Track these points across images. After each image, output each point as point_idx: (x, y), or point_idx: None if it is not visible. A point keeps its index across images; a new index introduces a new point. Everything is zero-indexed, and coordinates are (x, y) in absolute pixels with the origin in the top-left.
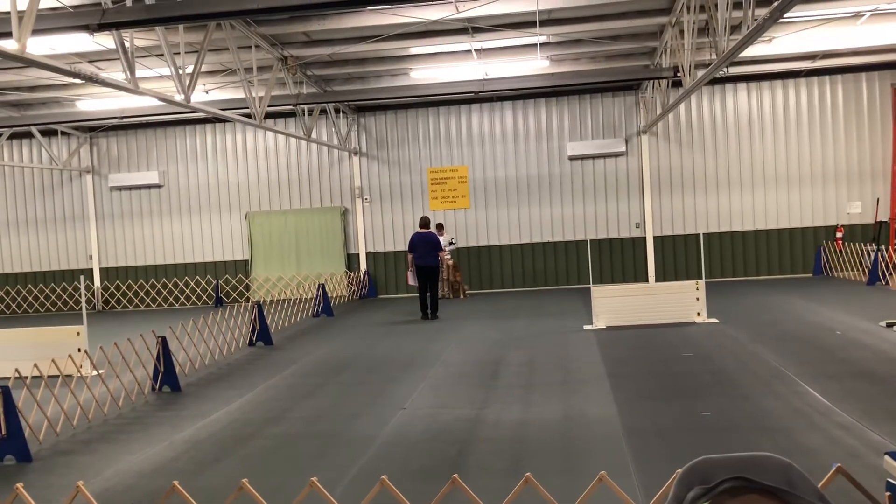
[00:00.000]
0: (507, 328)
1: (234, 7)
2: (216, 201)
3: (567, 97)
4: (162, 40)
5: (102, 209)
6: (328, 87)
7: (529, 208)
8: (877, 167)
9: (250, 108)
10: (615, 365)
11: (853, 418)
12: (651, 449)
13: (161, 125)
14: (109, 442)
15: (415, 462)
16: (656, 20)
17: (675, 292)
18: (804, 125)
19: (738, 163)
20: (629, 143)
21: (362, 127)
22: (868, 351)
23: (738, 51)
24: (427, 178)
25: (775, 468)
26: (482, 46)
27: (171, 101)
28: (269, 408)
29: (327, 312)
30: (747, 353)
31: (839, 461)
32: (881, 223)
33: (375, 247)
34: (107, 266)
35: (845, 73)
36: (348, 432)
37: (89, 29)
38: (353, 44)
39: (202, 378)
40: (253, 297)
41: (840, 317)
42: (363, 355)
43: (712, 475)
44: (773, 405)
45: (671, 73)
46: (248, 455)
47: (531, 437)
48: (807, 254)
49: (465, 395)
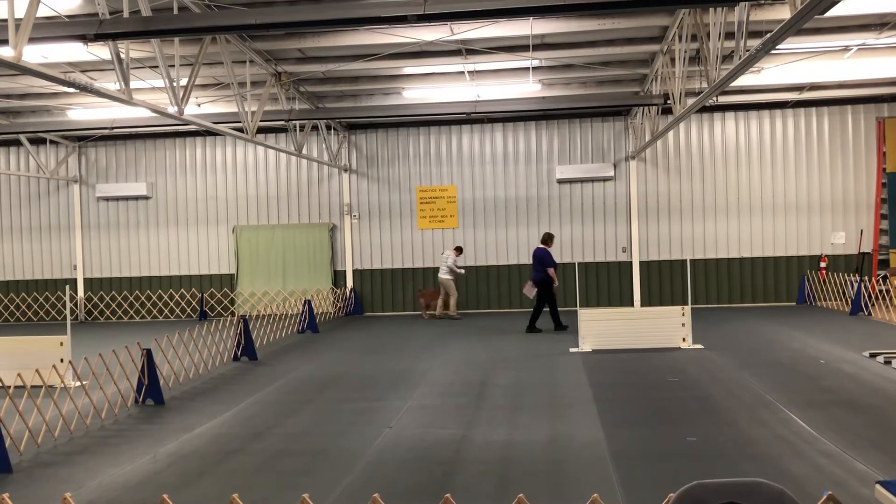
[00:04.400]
0: (494, 349)
1: (231, 22)
2: (204, 214)
3: (557, 121)
4: (157, 52)
5: (89, 219)
6: (320, 103)
7: (517, 229)
8: (861, 199)
9: (242, 123)
10: (601, 389)
11: (838, 447)
12: (638, 474)
13: (151, 136)
14: (92, 454)
15: (401, 482)
16: (647, 48)
17: (661, 317)
18: (791, 155)
19: (724, 191)
20: (618, 168)
21: (353, 144)
22: (851, 380)
23: (730, 80)
24: (416, 196)
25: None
26: (475, 68)
27: (165, 113)
28: (253, 423)
29: (313, 329)
30: (732, 379)
31: (825, 489)
32: (864, 254)
33: (363, 264)
34: (91, 276)
35: (832, 106)
36: (333, 450)
37: (86, 39)
38: (346, 62)
39: (186, 392)
40: (238, 311)
41: (824, 346)
42: (349, 373)
43: (707, 500)
44: (758, 432)
45: (661, 101)
46: (232, 470)
47: (518, 459)
48: (791, 282)
49: (452, 415)
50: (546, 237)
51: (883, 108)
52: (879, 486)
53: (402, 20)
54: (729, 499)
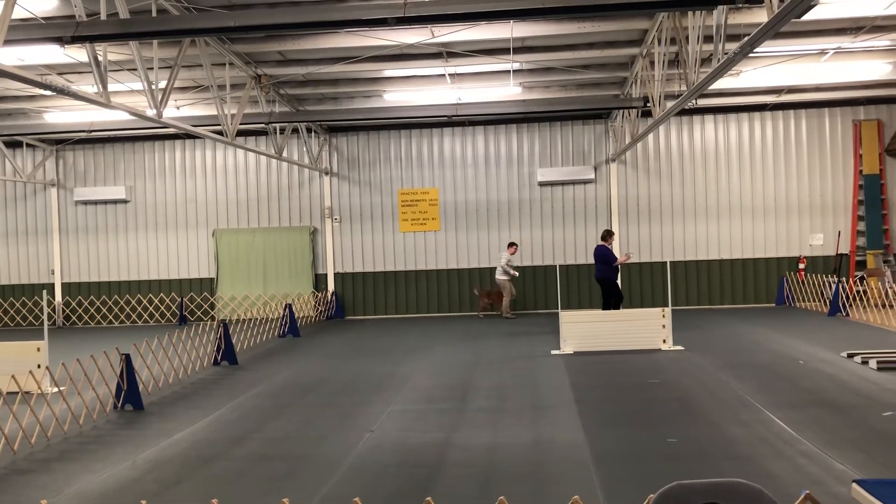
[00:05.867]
0: (476, 351)
1: (210, 24)
2: (183, 218)
3: (538, 124)
4: (135, 55)
5: (66, 223)
6: (301, 106)
7: (499, 232)
8: (838, 201)
9: (222, 125)
10: (583, 391)
11: (816, 447)
12: (619, 475)
13: (129, 140)
14: (70, 461)
15: (382, 487)
16: (627, 51)
17: (642, 319)
18: (769, 158)
19: (704, 193)
20: (598, 171)
21: (334, 147)
22: (830, 381)
23: (708, 83)
24: (398, 199)
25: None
26: (456, 71)
27: (143, 115)
28: (234, 428)
29: (294, 333)
30: (713, 380)
31: (805, 489)
32: (842, 255)
33: (344, 267)
34: (69, 281)
35: (809, 109)
36: (315, 455)
37: (62, 41)
38: (327, 64)
39: (166, 397)
40: (218, 315)
41: (803, 346)
42: (330, 377)
43: (686, 500)
44: (738, 433)
45: (641, 104)
46: (212, 476)
47: (500, 462)
48: (770, 284)
49: (434, 418)
50: (605, 234)
51: (859, 111)
52: (856, 484)
53: (382, 23)
54: (708, 499)
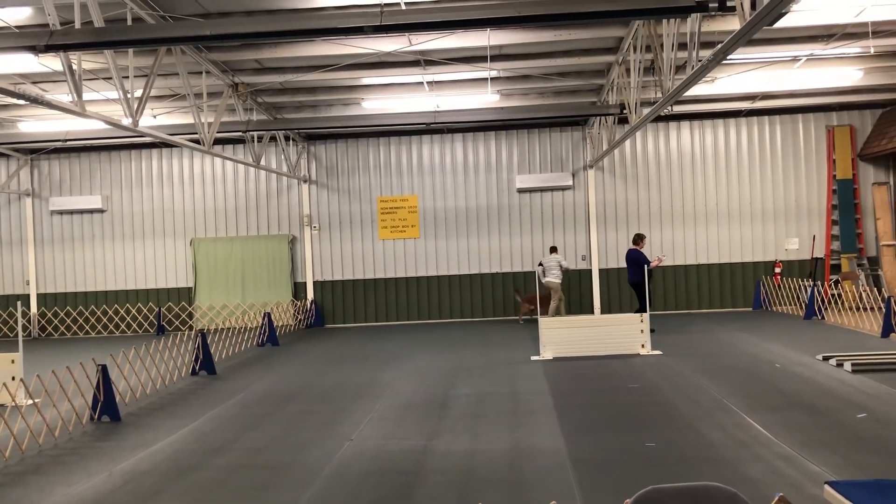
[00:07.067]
0: (456, 358)
1: (186, 33)
2: (161, 227)
3: (516, 131)
4: (111, 63)
5: (42, 233)
6: (279, 114)
7: (479, 239)
8: (813, 205)
9: (199, 134)
10: (562, 396)
11: (793, 449)
12: (598, 480)
13: (106, 149)
14: (44, 474)
15: (362, 495)
16: (603, 58)
17: (621, 324)
18: (744, 163)
19: (680, 199)
20: (576, 178)
21: (312, 155)
22: (806, 384)
23: (683, 90)
24: (377, 207)
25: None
26: (434, 79)
27: (119, 125)
28: (212, 438)
29: (273, 342)
30: (691, 384)
31: (780, 491)
32: (817, 259)
33: (323, 275)
34: (45, 292)
35: (783, 115)
36: (294, 464)
37: (36, 50)
38: (305, 72)
39: (143, 408)
40: (196, 325)
41: (779, 350)
42: (309, 386)
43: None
44: (716, 436)
45: (617, 110)
46: (190, 487)
47: (480, 468)
48: (746, 288)
49: (414, 426)
50: (637, 237)
51: (832, 117)
52: (828, 486)
53: (359, 31)
54: (684, 502)
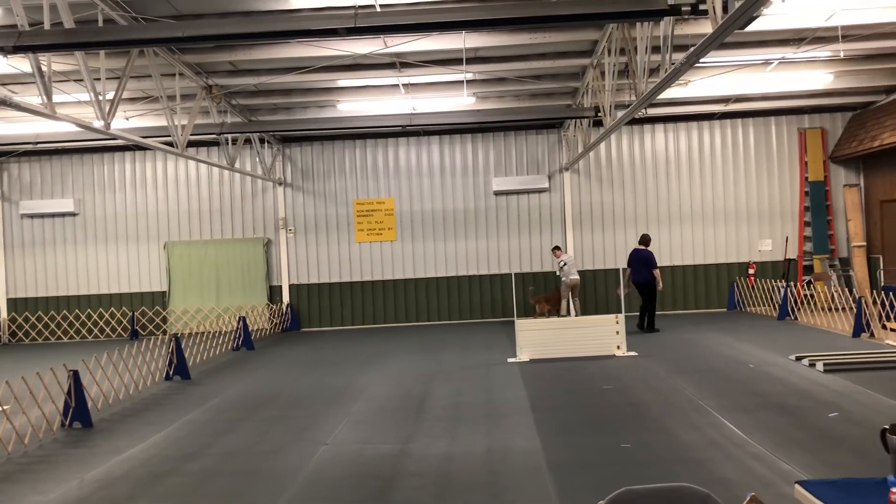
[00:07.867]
0: (433, 361)
1: (159, 35)
2: (134, 230)
3: (492, 133)
4: (82, 65)
5: (12, 238)
6: (253, 116)
7: (455, 242)
8: (786, 207)
9: (172, 137)
10: (538, 398)
11: (766, 449)
12: (574, 482)
13: (78, 152)
14: (14, 482)
15: (338, 499)
16: (578, 62)
17: (596, 326)
18: (718, 165)
19: (655, 200)
20: (552, 180)
21: (287, 157)
22: (779, 384)
23: (657, 93)
24: (353, 209)
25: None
26: (410, 81)
27: (90, 127)
28: (186, 444)
29: (248, 346)
30: (666, 385)
31: (753, 491)
32: (790, 260)
33: (299, 279)
34: (15, 297)
35: (756, 117)
36: (269, 469)
37: (4, 51)
38: (279, 74)
39: (116, 413)
40: (170, 329)
41: (753, 350)
42: (285, 390)
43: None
44: (691, 437)
45: (592, 113)
46: (163, 493)
47: (456, 471)
48: (721, 289)
49: (390, 429)
50: (645, 238)
51: (804, 120)
52: (798, 485)
53: (333, 33)
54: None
